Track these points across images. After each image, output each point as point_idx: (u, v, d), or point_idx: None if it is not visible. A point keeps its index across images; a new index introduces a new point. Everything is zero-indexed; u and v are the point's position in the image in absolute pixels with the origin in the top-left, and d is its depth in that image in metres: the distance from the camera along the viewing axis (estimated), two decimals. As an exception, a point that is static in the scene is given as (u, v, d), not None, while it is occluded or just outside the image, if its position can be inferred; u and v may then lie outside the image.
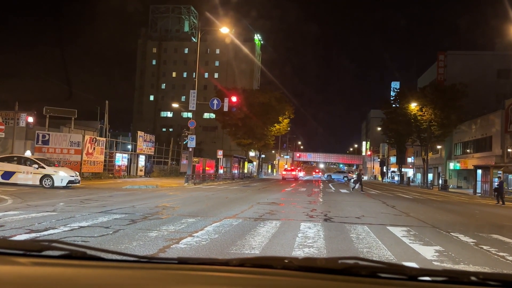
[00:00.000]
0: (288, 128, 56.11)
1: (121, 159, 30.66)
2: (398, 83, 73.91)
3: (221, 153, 39.08)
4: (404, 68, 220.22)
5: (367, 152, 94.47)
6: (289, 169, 54.38)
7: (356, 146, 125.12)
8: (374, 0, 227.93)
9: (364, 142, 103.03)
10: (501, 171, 28.10)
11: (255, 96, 48.88)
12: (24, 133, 25.69)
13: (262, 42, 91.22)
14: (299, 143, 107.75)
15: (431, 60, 58.74)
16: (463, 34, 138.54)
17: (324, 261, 1.24)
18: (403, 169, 60.31)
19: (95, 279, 1.19)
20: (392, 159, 68.42)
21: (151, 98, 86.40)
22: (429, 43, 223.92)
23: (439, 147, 50.11)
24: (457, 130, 44.95)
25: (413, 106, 43.80)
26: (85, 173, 24.26)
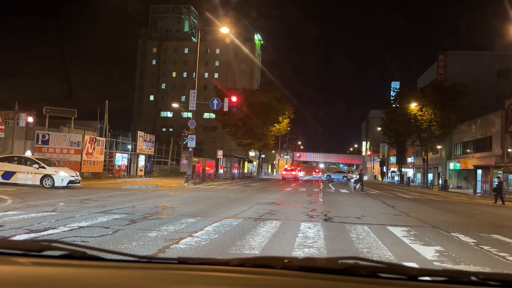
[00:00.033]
0: (288, 128, 56.13)
1: (121, 159, 30.66)
2: (398, 83, 73.99)
3: (221, 153, 39.09)
4: (404, 68, 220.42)
5: (367, 152, 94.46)
6: (289, 169, 54.37)
7: (356, 146, 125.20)
8: (374, 0, 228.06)
9: (364, 142, 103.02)
10: (501, 171, 28.10)
11: (255, 96, 48.88)
12: (24, 133, 25.69)
13: (262, 42, 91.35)
14: (299, 143, 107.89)
15: (431, 60, 58.81)
16: (463, 34, 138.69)
17: (324, 261, 1.24)
18: (403, 169, 60.32)
19: (95, 279, 1.19)
20: (392, 159, 68.44)
21: (151, 98, 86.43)
22: (429, 43, 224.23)
23: (439, 147, 50.12)
24: (457, 130, 44.96)
25: (413, 106, 43.82)
26: (85, 173, 24.26)
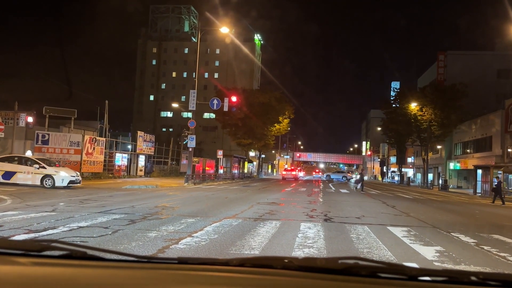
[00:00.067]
0: (288, 128, 56.13)
1: (121, 159, 30.66)
2: (398, 83, 74.06)
3: (221, 153, 39.08)
4: (404, 68, 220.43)
5: (367, 152, 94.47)
6: (289, 169, 54.38)
7: (356, 146, 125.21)
8: (374, 0, 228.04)
9: (364, 142, 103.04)
10: (501, 171, 28.12)
11: (255, 96, 48.88)
12: (24, 133, 25.68)
13: (262, 42, 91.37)
14: (299, 143, 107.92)
15: (431, 60, 58.82)
16: (463, 34, 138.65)
17: (324, 261, 1.24)
18: (403, 169, 60.32)
19: (95, 279, 1.19)
20: (392, 159, 68.44)
21: (151, 98, 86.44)
22: (429, 43, 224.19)
23: (439, 147, 50.12)
24: (457, 130, 44.96)
25: (413, 106, 43.82)
26: (84, 173, 24.25)
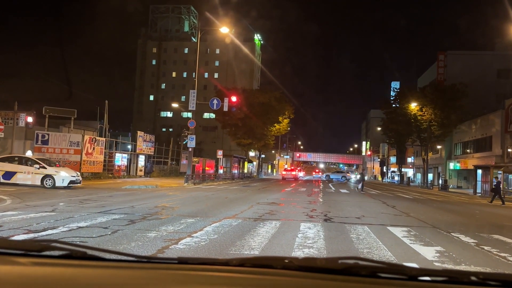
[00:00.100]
0: (288, 128, 56.14)
1: (120, 159, 30.66)
2: (398, 83, 74.04)
3: (221, 153, 39.08)
4: (404, 68, 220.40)
5: (367, 152, 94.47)
6: (289, 169, 54.39)
7: (356, 146, 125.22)
8: (374, 0, 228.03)
9: (364, 142, 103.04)
10: (501, 171, 28.13)
11: (255, 96, 48.87)
12: (24, 133, 25.67)
13: (262, 42, 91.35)
14: (299, 143, 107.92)
15: (431, 60, 58.81)
16: (463, 34, 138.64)
17: (324, 261, 1.24)
18: (403, 169, 60.33)
19: (95, 279, 1.19)
20: (392, 159, 68.45)
21: (151, 98, 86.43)
22: (429, 43, 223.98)
23: (439, 147, 50.12)
24: (457, 130, 44.97)
25: (413, 106, 43.82)
26: (84, 173, 24.24)
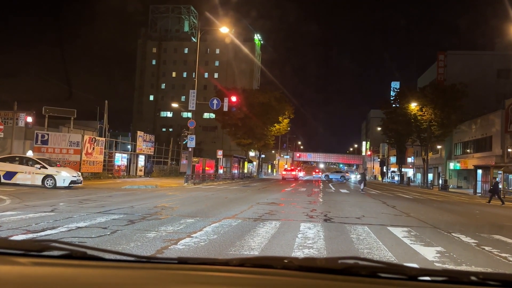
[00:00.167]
0: (288, 128, 56.14)
1: (120, 159, 30.66)
2: (398, 83, 74.05)
3: (221, 153, 39.07)
4: (404, 68, 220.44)
5: (367, 152, 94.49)
6: (289, 169, 54.39)
7: (356, 146, 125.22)
8: (374, 0, 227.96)
9: (364, 142, 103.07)
10: (501, 171, 28.14)
11: (255, 96, 48.87)
12: (23, 133, 25.65)
13: (262, 42, 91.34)
14: (299, 143, 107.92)
15: (431, 60, 58.80)
16: (463, 34, 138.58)
17: (324, 261, 1.24)
18: (403, 169, 60.34)
19: (95, 279, 1.19)
20: (392, 159, 68.46)
21: (151, 98, 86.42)
22: (429, 43, 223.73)
23: (439, 147, 50.13)
24: (457, 130, 44.97)
25: (413, 106, 43.83)
26: (84, 173, 24.22)
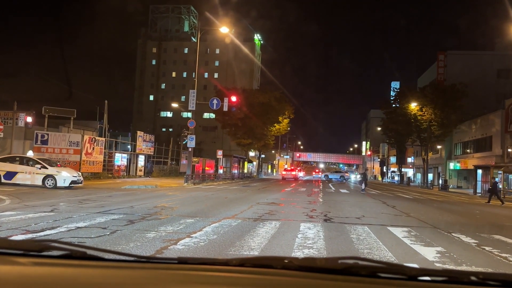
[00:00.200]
0: (288, 128, 56.14)
1: (120, 159, 30.66)
2: (398, 83, 74.11)
3: (220, 153, 39.07)
4: (404, 68, 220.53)
5: (367, 152, 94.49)
6: (289, 169, 54.41)
7: (356, 146, 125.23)
8: (374, 0, 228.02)
9: (364, 142, 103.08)
10: (501, 171, 28.13)
11: (255, 96, 48.86)
12: (23, 133, 25.64)
13: (262, 42, 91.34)
14: (299, 143, 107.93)
15: (431, 60, 58.84)
16: (463, 34, 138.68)
17: (324, 261, 1.24)
18: (403, 169, 60.35)
19: (95, 279, 1.19)
20: (392, 159, 68.46)
21: (151, 98, 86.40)
22: (429, 43, 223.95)
23: (439, 147, 50.12)
24: (457, 130, 44.97)
25: (413, 106, 43.83)
26: (84, 173, 24.20)
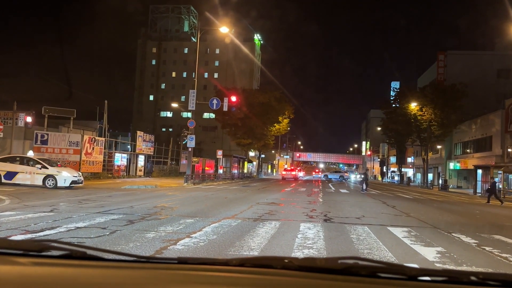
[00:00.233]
0: (288, 128, 56.14)
1: (120, 159, 30.66)
2: (398, 83, 74.09)
3: (220, 153, 39.05)
4: (404, 68, 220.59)
5: (367, 152, 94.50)
6: (289, 169, 54.40)
7: (356, 146, 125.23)
8: (374, 0, 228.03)
9: (364, 142, 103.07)
10: (501, 171, 28.12)
11: (255, 96, 48.84)
12: (23, 133, 25.64)
13: (262, 42, 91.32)
14: (299, 143, 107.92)
15: (431, 60, 58.83)
16: (463, 34, 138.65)
17: (324, 261, 1.24)
18: (403, 169, 60.34)
19: (95, 279, 1.19)
20: (392, 159, 68.44)
21: (151, 98, 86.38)
22: (429, 43, 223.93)
23: (439, 147, 50.12)
24: (457, 130, 44.97)
25: (413, 106, 43.82)
26: (84, 173, 24.18)
